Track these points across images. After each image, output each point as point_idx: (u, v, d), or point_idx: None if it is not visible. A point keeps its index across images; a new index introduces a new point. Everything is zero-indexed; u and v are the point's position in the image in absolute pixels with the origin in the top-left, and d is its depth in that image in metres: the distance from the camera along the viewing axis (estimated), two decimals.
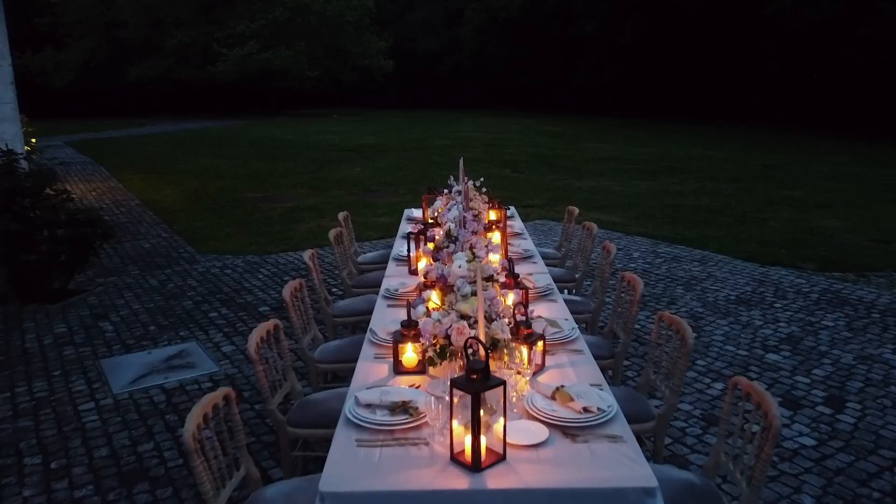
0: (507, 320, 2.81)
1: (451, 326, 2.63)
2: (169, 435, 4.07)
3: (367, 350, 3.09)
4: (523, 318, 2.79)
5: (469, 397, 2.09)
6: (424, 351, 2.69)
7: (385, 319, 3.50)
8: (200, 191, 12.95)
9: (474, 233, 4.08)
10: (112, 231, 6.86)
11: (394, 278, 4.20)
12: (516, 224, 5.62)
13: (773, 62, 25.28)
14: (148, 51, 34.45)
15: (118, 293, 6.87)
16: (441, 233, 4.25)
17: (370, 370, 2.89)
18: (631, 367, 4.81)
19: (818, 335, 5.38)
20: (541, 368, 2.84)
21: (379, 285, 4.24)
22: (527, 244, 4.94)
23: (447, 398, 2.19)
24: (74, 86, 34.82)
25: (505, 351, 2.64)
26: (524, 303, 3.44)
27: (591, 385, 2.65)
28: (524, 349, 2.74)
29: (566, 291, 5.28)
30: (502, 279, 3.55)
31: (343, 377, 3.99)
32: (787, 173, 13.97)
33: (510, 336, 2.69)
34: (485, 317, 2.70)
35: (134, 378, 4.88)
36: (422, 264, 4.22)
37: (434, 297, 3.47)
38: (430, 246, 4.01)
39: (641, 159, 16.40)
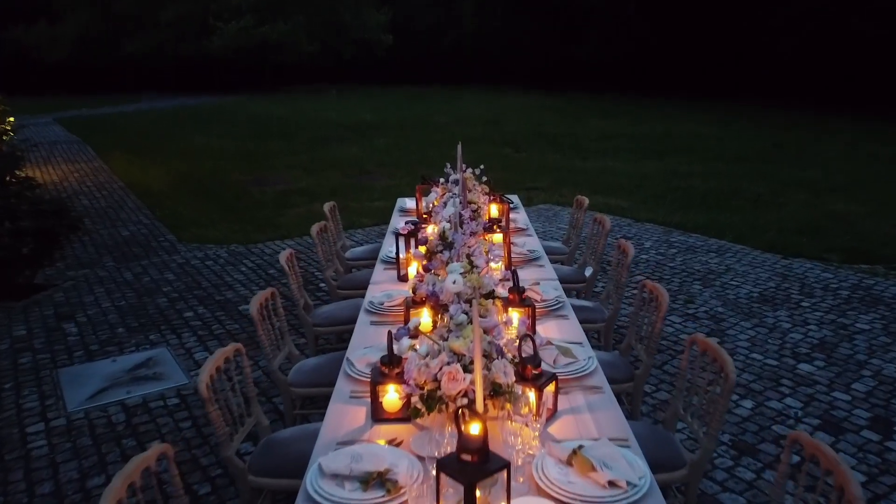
0: (511, 355, 2.29)
1: (441, 369, 2.11)
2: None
3: (342, 386, 2.56)
4: (531, 354, 2.27)
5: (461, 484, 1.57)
6: (409, 396, 2.17)
7: (366, 340, 2.98)
8: (189, 172, 12.38)
9: (473, 233, 3.54)
10: (80, 222, 6.33)
11: (380, 286, 3.67)
12: (520, 217, 5.07)
13: (783, 37, 24.48)
14: (143, 25, 33.60)
15: (88, 288, 6.35)
16: (434, 233, 3.71)
17: (344, 415, 2.37)
18: (648, 379, 4.30)
19: (854, 341, 4.86)
20: (552, 414, 2.32)
21: (368, 286, 3.73)
22: (532, 242, 4.40)
23: (434, 468, 1.68)
24: (69, 61, 34.02)
25: (508, 397, 2.12)
26: (531, 320, 2.93)
27: (615, 441, 2.13)
28: (532, 393, 2.22)
29: (575, 293, 4.75)
30: (504, 292, 3.03)
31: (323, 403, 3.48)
32: (797, 153, 13.34)
33: (514, 379, 2.17)
34: (484, 354, 2.18)
35: (93, 392, 4.37)
36: (412, 269, 3.69)
37: (425, 315, 2.96)
38: (422, 249, 3.47)
39: (647, 137, 15.77)
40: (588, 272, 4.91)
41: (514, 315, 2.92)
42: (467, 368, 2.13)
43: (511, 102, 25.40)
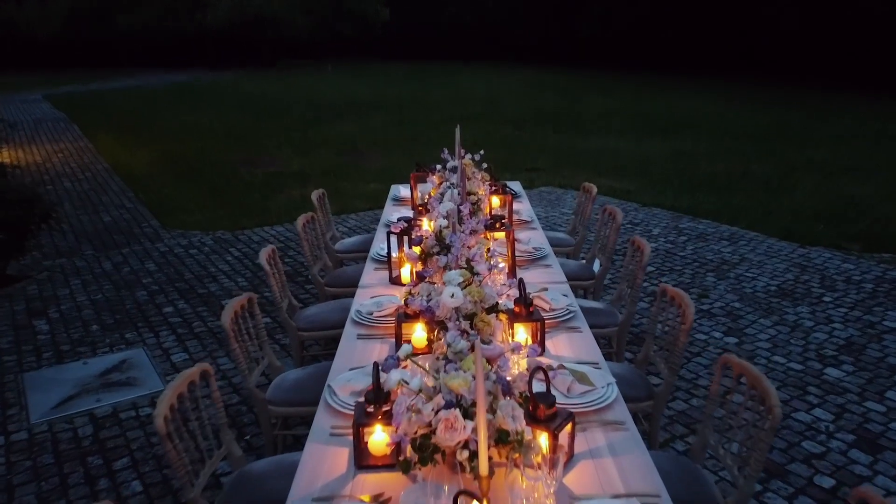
0: (519, 390, 1.93)
1: (437, 414, 1.75)
2: (86, 489, 3.23)
3: (321, 420, 2.20)
4: (543, 392, 1.91)
5: None
6: (398, 444, 1.81)
7: (352, 358, 2.62)
8: (177, 153, 11.94)
9: (473, 232, 3.17)
10: (52, 211, 5.94)
11: (369, 290, 3.30)
12: (524, 208, 4.69)
13: (787, 11, 23.88)
14: None
15: (64, 280, 5.97)
16: (430, 230, 3.34)
17: (323, 459, 2.01)
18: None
19: (883, 341, 4.51)
20: (569, 459, 1.96)
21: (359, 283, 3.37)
22: (537, 238, 4.02)
23: None
24: (62, 36, 33.32)
25: (517, 447, 1.77)
26: (539, 336, 2.57)
27: (644, 499, 1.78)
28: (545, 437, 1.86)
29: (582, 292, 4.39)
30: (508, 303, 2.66)
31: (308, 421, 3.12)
32: (804, 132, 12.90)
33: (524, 423, 1.81)
34: (489, 392, 1.83)
35: (60, 400, 4.02)
36: (405, 271, 3.33)
37: (418, 330, 2.60)
38: (416, 250, 3.10)
39: (649, 115, 15.31)
40: (596, 266, 4.55)
41: (521, 330, 2.56)
42: (468, 413, 1.77)
43: (510, 79, 24.85)
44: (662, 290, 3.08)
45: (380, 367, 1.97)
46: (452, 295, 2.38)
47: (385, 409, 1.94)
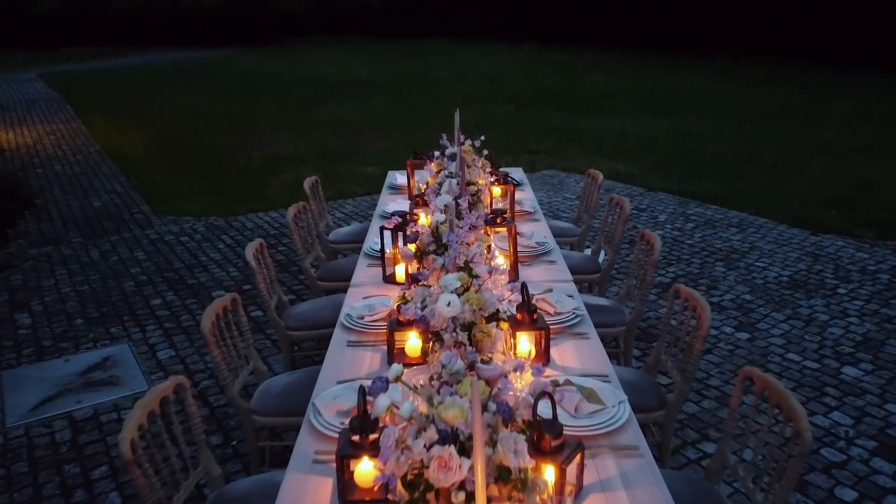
0: (523, 417, 1.72)
1: (429, 450, 1.54)
2: (61, 502, 3.04)
3: (304, 444, 2.00)
4: (549, 419, 1.70)
5: None
6: (385, 485, 1.61)
7: (341, 369, 2.41)
8: (171, 135, 11.67)
9: (473, 227, 2.95)
10: (35, 198, 5.71)
11: (362, 289, 3.09)
12: (526, 197, 4.46)
13: None
14: None
15: (50, 269, 5.77)
16: (426, 224, 3.12)
17: (303, 492, 1.81)
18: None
19: None
20: (577, 494, 1.76)
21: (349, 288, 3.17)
22: (541, 231, 3.80)
23: None
24: (59, 12, 32.79)
25: (519, 485, 1.57)
26: (544, 346, 2.37)
27: None
28: (552, 470, 1.66)
29: (587, 286, 4.19)
30: (510, 309, 2.46)
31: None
32: (811, 111, 12.58)
33: (528, 457, 1.60)
34: (490, 425, 1.62)
35: (38, 401, 3.83)
36: (400, 269, 3.12)
37: (412, 338, 2.40)
38: (412, 248, 2.89)
39: (652, 94, 14.98)
40: (601, 258, 4.35)
41: (524, 339, 2.35)
42: (464, 448, 1.57)
43: (511, 56, 24.44)
44: (675, 291, 2.87)
45: (366, 392, 1.77)
46: (449, 303, 2.17)
47: (373, 437, 1.74)
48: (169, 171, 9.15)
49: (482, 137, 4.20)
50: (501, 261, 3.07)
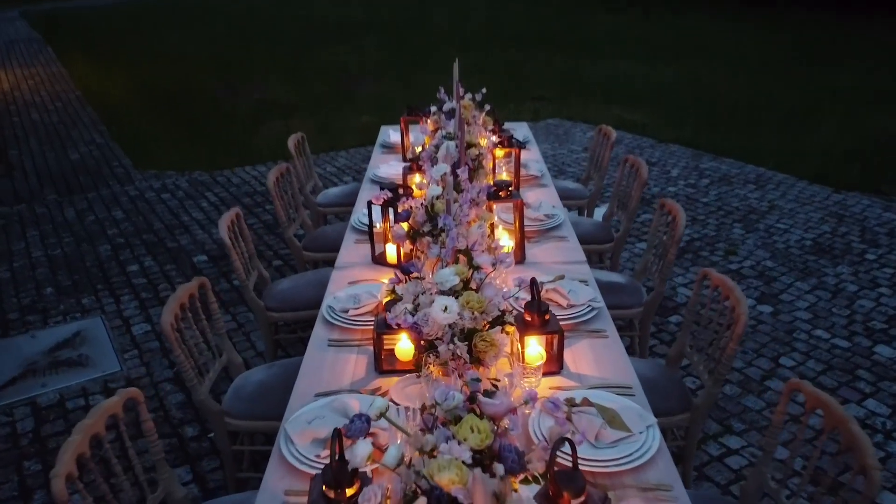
0: (538, 470, 1.39)
1: None
2: None
3: (272, 479, 1.67)
4: (569, 471, 1.37)
5: None
6: None
7: (320, 378, 2.07)
8: (156, 80, 11.11)
9: (475, 203, 2.57)
10: (8, 151, 5.29)
11: (348, 271, 2.73)
12: (532, 159, 4.05)
13: None
14: None
15: (21, 231, 5.41)
16: (419, 196, 2.74)
17: None
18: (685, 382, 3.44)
19: None
20: None
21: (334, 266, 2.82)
22: (549, 199, 3.42)
23: None
24: None
25: None
26: (557, 350, 2.03)
27: None
28: None
29: (597, 257, 3.83)
30: (517, 309, 2.11)
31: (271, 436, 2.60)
32: (825, 54, 11.97)
33: None
34: (497, 478, 1.29)
35: (0, 384, 3.52)
36: (391, 248, 2.75)
37: (404, 340, 2.06)
38: (404, 227, 2.52)
39: (659, 36, 14.29)
40: (616, 231, 3.98)
41: (533, 342, 2.01)
42: None
43: None
44: (704, 276, 2.52)
45: (343, 435, 1.43)
46: (445, 308, 1.82)
47: (350, 492, 1.41)
48: (152, 119, 8.68)
49: (483, 90, 3.78)
50: (506, 241, 2.71)
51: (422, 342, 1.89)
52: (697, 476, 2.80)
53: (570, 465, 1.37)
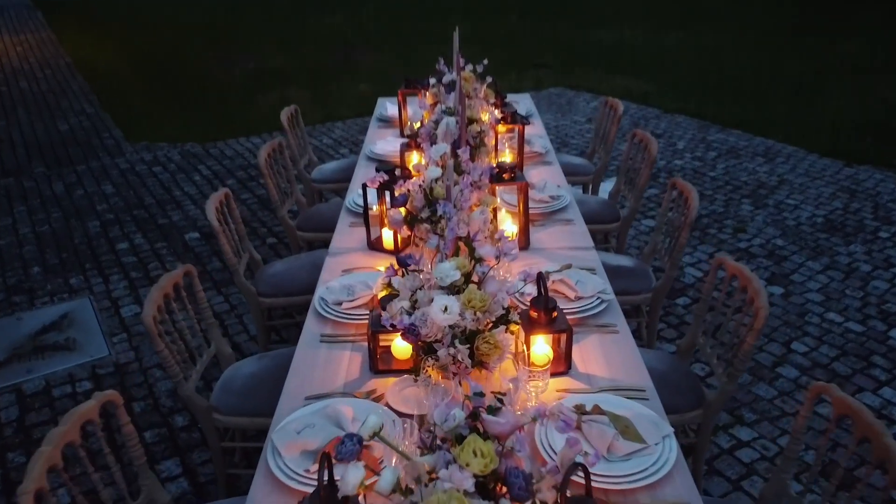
0: (546, 493, 1.26)
1: None
2: (2, 501, 2.65)
3: (259, 493, 1.55)
4: (582, 497, 1.24)
5: None
6: None
7: (311, 379, 1.94)
8: (148, 48, 10.84)
9: (477, 187, 2.42)
10: None
11: (342, 258, 2.59)
12: (535, 134, 3.88)
13: None
14: None
15: (8, 206, 5.25)
16: (417, 178, 2.58)
17: None
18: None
19: None
20: None
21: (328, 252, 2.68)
22: (554, 178, 3.26)
23: None
24: None
25: None
26: (565, 349, 1.90)
27: None
28: None
29: (603, 237, 3.69)
30: (521, 304, 1.98)
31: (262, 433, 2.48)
32: (832, 20, 11.67)
33: None
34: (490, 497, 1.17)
35: None
36: (387, 233, 2.61)
37: (399, 339, 1.92)
38: (402, 212, 2.37)
39: (665, 1, 13.95)
40: (623, 210, 3.83)
41: (539, 340, 1.87)
42: None
43: None
44: (719, 264, 2.38)
45: (333, 459, 1.29)
46: (445, 308, 1.68)
47: None
48: (143, 89, 8.46)
49: (485, 61, 3.60)
50: (509, 226, 2.56)
51: (419, 343, 1.76)
52: (707, 470, 2.69)
53: (581, 487, 1.24)
